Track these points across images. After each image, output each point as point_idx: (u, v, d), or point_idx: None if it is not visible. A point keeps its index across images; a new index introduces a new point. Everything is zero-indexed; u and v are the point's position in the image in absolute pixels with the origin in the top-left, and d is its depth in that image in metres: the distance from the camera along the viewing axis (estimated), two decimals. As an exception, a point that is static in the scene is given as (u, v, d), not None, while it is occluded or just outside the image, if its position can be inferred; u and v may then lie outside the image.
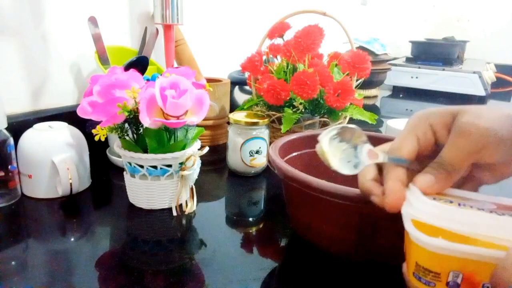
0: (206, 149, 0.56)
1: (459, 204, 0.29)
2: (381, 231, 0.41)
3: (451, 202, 0.29)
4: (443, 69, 1.62)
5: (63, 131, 0.59)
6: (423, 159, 0.34)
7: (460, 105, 0.33)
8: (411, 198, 0.31)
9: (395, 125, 0.76)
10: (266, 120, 0.69)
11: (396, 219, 0.41)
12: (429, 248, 0.27)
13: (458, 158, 0.31)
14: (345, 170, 0.35)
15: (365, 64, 0.76)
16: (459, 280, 0.27)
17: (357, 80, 0.79)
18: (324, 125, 0.78)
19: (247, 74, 0.95)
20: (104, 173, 0.68)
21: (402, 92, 1.70)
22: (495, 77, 1.75)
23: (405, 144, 0.34)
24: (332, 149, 0.36)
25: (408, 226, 0.29)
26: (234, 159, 0.70)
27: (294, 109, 0.74)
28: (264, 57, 0.81)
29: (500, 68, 1.85)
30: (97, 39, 0.68)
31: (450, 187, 0.32)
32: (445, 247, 0.26)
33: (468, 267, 0.26)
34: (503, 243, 0.25)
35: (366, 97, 1.52)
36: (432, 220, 0.28)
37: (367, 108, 0.80)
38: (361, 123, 0.80)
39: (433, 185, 0.31)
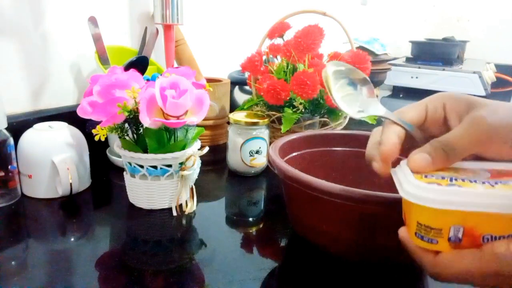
0: (206, 149, 0.56)
1: (450, 180, 0.29)
2: (381, 231, 0.41)
3: (442, 178, 0.29)
4: (443, 69, 1.62)
5: (63, 131, 0.59)
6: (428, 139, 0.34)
7: (479, 98, 0.33)
8: (400, 177, 0.31)
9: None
10: (266, 120, 0.69)
11: (396, 218, 0.41)
12: (429, 205, 0.27)
13: (461, 143, 0.31)
14: (347, 108, 0.35)
15: (365, 64, 0.76)
16: (460, 235, 0.27)
17: (357, 80, 0.79)
18: (324, 125, 0.78)
19: (247, 74, 0.95)
20: (104, 173, 0.68)
21: (402, 92, 1.70)
22: (495, 77, 1.74)
23: (412, 109, 0.34)
24: (338, 86, 0.35)
25: (406, 187, 0.29)
26: (234, 159, 0.70)
27: (294, 109, 0.74)
28: (264, 57, 0.81)
29: (500, 68, 1.85)
30: (97, 39, 0.68)
31: None
32: (445, 202, 0.27)
33: (468, 221, 0.27)
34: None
35: (366, 97, 1.52)
36: (423, 202, 0.28)
37: (367, 108, 0.80)
38: (361, 123, 0.80)
39: (428, 166, 0.31)
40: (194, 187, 0.57)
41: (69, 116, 0.64)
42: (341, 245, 0.44)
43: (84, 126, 0.58)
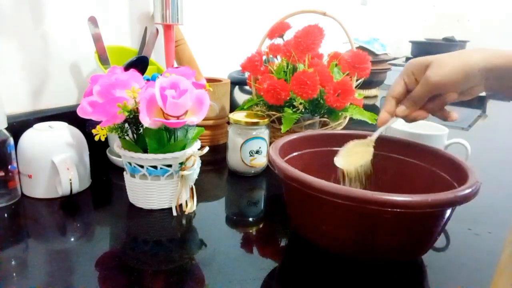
0: (206, 149, 0.56)
1: None
2: (381, 231, 0.41)
3: None
4: (443, 69, 1.61)
5: (63, 131, 0.59)
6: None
7: (432, 56, 0.48)
8: None
9: (395, 125, 0.76)
10: (266, 120, 0.69)
11: (395, 218, 0.41)
12: None
13: (419, 96, 0.49)
14: None
15: (365, 64, 0.76)
16: None
17: (357, 80, 0.79)
18: (324, 125, 0.78)
19: (247, 74, 0.95)
20: (104, 173, 0.68)
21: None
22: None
23: (396, 86, 0.51)
24: None
25: None
26: (234, 159, 0.70)
27: (294, 109, 0.74)
28: (264, 57, 0.81)
29: (500, 68, 1.85)
30: (97, 39, 0.68)
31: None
32: None
33: None
34: None
35: (366, 97, 1.52)
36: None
37: (367, 108, 0.80)
38: (361, 123, 0.80)
39: (404, 111, 0.50)
40: (194, 187, 0.57)
41: (69, 116, 0.64)
42: (340, 244, 0.44)
43: (84, 126, 0.58)
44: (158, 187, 0.55)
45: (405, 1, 2.26)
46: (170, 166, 0.54)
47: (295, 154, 0.56)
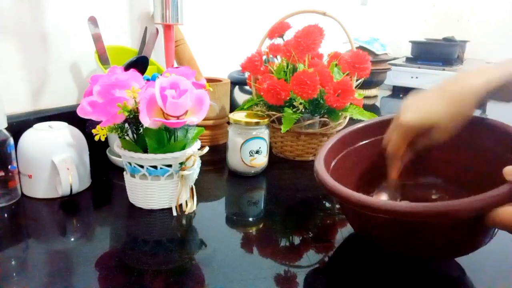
0: (206, 149, 0.56)
1: None
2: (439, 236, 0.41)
3: None
4: (443, 69, 1.62)
5: (63, 131, 0.59)
6: None
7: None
8: None
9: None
10: (266, 120, 0.69)
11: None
12: None
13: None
14: None
15: (365, 64, 0.76)
16: None
17: (357, 80, 0.79)
18: (324, 125, 0.78)
19: (247, 74, 0.95)
20: (104, 173, 0.68)
21: (402, 92, 1.70)
22: (495, 77, 1.74)
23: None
24: None
25: None
26: (234, 159, 0.70)
27: (294, 109, 0.74)
28: (264, 57, 0.81)
29: (500, 68, 1.85)
30: (97, 39, 0.68)
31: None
32: None
33: None
34: None
35: (366, 97, 1.52)
36: None
37: (367, 108, 0.80)
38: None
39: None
40: (194, 187, 0.57)
41: (69, 116, 0.64)
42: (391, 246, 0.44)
43: (84, 126, 0.58)
44: (158, 187, 0.55)
45: (405, 1, 2.26)
46: (170, 166, 0.54)
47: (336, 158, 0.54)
